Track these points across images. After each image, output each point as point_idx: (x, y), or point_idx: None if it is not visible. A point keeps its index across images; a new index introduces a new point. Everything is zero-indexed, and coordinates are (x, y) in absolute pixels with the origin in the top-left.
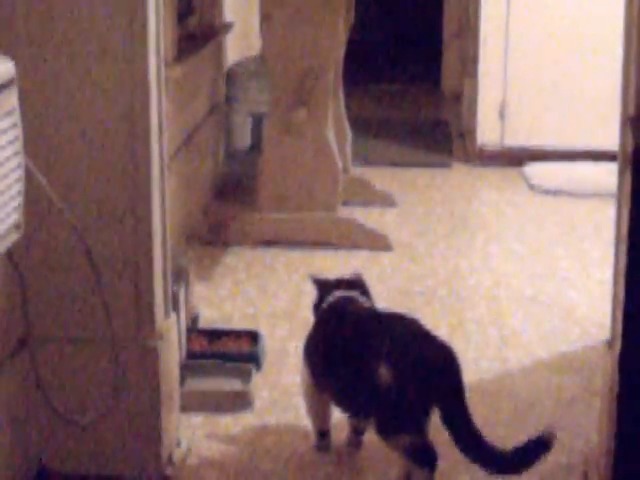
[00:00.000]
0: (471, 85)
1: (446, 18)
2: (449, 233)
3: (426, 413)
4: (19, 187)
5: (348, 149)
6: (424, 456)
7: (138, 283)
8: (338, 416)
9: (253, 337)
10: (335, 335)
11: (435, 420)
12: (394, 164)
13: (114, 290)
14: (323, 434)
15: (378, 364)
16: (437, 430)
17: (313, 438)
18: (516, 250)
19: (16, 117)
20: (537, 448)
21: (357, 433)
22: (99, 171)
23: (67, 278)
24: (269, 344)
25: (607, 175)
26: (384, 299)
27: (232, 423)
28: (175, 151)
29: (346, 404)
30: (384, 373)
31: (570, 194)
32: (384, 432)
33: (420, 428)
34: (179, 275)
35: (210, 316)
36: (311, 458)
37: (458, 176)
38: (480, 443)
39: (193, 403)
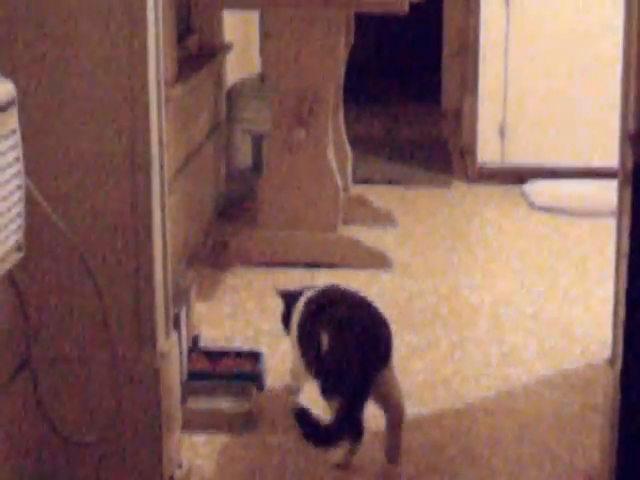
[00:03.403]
0: (471, 103)
1: (445, 36)
2: (449, 251)
3: (358, 380)
4: (20, 208)
5: (348, 168)
6: (350, 425)
7: (139, 303)
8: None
9: (254, 357)
10: (308, 314)
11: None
12: (394, 182)
13: (115, 310)
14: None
15: (322, 332)
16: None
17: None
18: (516, 268)
19: (17, 138)
20: None
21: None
22: (100, 192)
23: (68, 299)
24: (270, 364)
25: (607, 192)
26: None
27: (234, 443)
28: (176, 171)
29: (308, 368)
30: (324, 340)
31: (570, 212)
32: (322, 394)
33: (351, 395)
34: (180, 295)
35: (211, 336)
36: (314, 478)
37: (458, 194)
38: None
39: (194, 423)
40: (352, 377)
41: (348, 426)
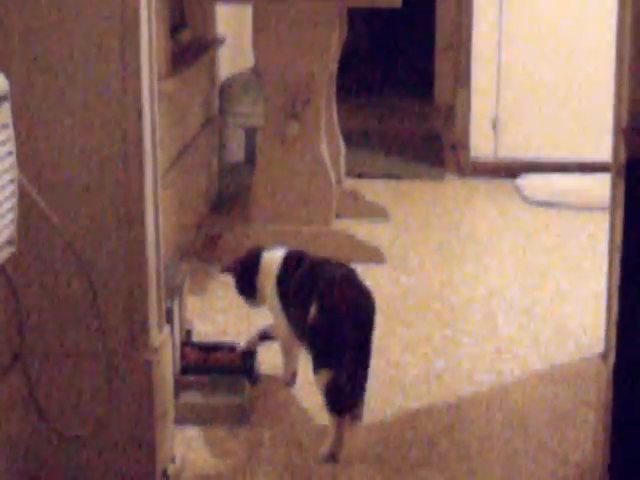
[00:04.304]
0: (464, 97)
1: (438, 30)
2: (442, 245)
3: (344, 353)
4: (12, 202)
5: (341, 162)
6: (336, 397)
7: (132, 297)
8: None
9: (247, 351)
10: (292, 278)
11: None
12: (387, 176)
13: (108, 304)
14: (292, 375)
15: (311, 304)
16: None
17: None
18: (509, 262)
19: (9, 132)
20: None
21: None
22: (92, 186)
23: (61, 293)
24: (263, 357)
25: (600, 187)
26: (378, 310)
27: (227, 437)
28: (169, 165)
29: (300, 341)
30: (313, 312)
31: (563, 206)
32: (313, 367)
33: (337, 367)
34: (173, 289)
35: (204, 330)
36: (306, 472)
37: (451, 188)
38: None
39: (187, 417)
40: (344, 348)
41: (337, 398)
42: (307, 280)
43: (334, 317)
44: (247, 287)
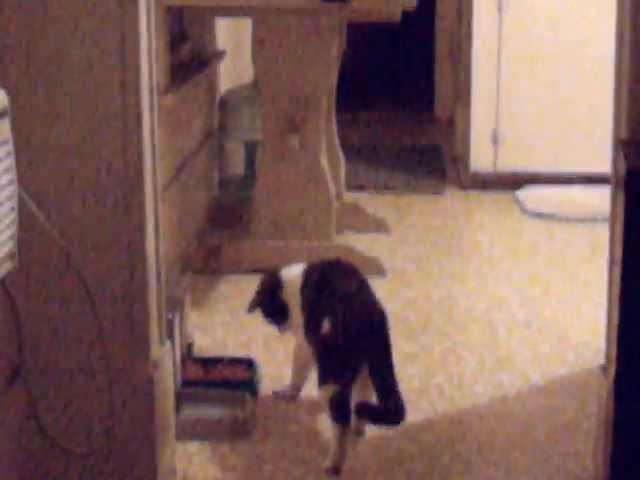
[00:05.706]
0: (464, 110)
1: (438, 43)
2: (443, 258)
3: (352, 369)
4: (12, 217)
5: (341, 175)
6: (340, 411)
7: (133, 312)
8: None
9: (248, 364)
10: (311, 289)
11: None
12: (387, 189)
13: (108, 319)
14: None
15: (324, 317)
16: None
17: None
18: (510, 274)
19: (9, 147)
20: None
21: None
22: (93, 200)
23: (61, 308)
24: (264, 371)
25: (600, 199)
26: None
27: (228, 451)
28: (169, 179)
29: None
30: (326, 327)
31: (563, 218)
32: (319, 379)
33: (344, 382)
34: (174, 303)
35: (205, 344)
36: None
37: (451, 201)
38: (397, 400)
39: (189, 431)
40: (352, 363)
41: (341, 411)
42: (320, 294)
43: (344, 333)
44: (279, 312)
